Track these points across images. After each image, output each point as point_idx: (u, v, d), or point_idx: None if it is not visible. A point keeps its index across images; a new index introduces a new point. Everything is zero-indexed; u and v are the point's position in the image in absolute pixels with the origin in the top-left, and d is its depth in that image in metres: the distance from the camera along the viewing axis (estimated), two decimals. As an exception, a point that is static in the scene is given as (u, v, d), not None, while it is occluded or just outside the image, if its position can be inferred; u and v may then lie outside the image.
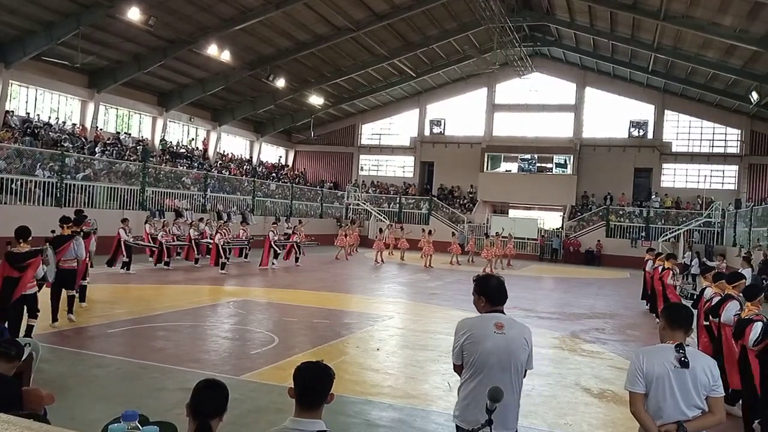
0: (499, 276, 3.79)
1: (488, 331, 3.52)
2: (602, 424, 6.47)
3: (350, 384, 7.17)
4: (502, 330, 3.50)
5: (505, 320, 3.55)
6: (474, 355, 3.53)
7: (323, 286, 16.66)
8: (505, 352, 3.48)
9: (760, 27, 21.57)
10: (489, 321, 3.56)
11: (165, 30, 23.98)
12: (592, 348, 10.37)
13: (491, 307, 3.63)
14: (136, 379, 7.02)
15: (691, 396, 3.29)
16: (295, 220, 25.74)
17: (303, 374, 2.65)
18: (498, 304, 3.63)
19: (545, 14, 30.38)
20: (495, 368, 3.47)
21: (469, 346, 3.55)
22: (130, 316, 10.58)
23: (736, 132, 34.25)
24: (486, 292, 3.66)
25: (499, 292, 3.65)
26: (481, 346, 3.51)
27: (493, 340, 3.49)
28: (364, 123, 41.76)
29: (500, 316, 3.58)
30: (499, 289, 3.65)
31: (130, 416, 2.42)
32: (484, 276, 3.78)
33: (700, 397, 3.30)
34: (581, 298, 17.51)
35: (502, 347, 3.48)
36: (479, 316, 3.67)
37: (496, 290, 3.65)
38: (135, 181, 22.99)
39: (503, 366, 3.47)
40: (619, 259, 30.64)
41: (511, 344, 3.49)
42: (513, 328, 3.54)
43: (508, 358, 3.48)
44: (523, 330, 3.59)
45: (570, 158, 36.14)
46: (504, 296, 3.65)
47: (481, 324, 3.60)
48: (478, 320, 3.64)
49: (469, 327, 3.61)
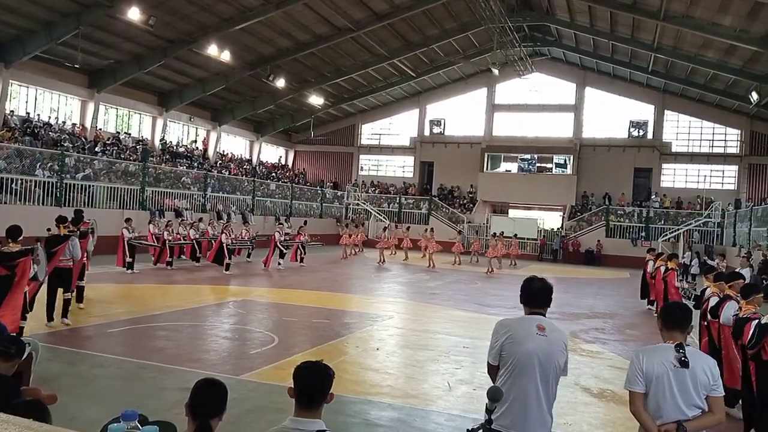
0: (544, 279, 3.70)
1: (531, 333, 3.47)
2: (602, 424, 6.48)
3: (350, 384, 7.17)
4: (543, 332, 3.46)
5: (546, 323, 3.51)
6: (515, 356, 3.46)
7: (324, 286, 16.65)
8: (546, 354, 3.43)
9: (760, 27, 21.57)
10: (531, 322, 3.52)
11: (165, 30, 23.98)
12: (591, 348, 10.37)
13: (531, 309, 3.59)
14: (135, 379, 7.02)
15: (690, 395, 3.29)
16: (298, 220, 25.75)
17: (302, 374, 2.65)
18: (538, 306, 3.58)
19: (545, 14, 30.38)
20: (533, 370, 3.42)
21: (510, 346, 3.48)
22: (130, 315, 10.58)
23: (736, 132, 34.25)
24: (526, 293, 3.62)
25: (541, 295, 3.59)
26: (523, 347, 3.45)
27: (536, 342, 3.44)
28: (364, 123, 41.77)
29: (542, 318, 3.54)
30: (541, 292, 3.60)
31: (130, 416, 2.42)
32: (527, 278, 3.70)
33: (699, 396, 3.30)
34: (581, 298, 17.50)
35: (544, 349, 3.43)
36: (520, 317, 3.63)
37: (538, 292, 3.59)
38: (135, 180, 22.99)
39: (543, 369, 3.43)
40: (619, 259, 30.64)
41: (553, 347, 3.46)
42: (554, 332, 3.52)
43: (548, 361, 3.44)
44: (563, 335, 3.57)
45: (570, 158, 36.13)
46: (540, 298, 3.58)
47: (522, 325, 3.54)
48: (520, 321, 3.60)
49: (509, 327, 3.56)
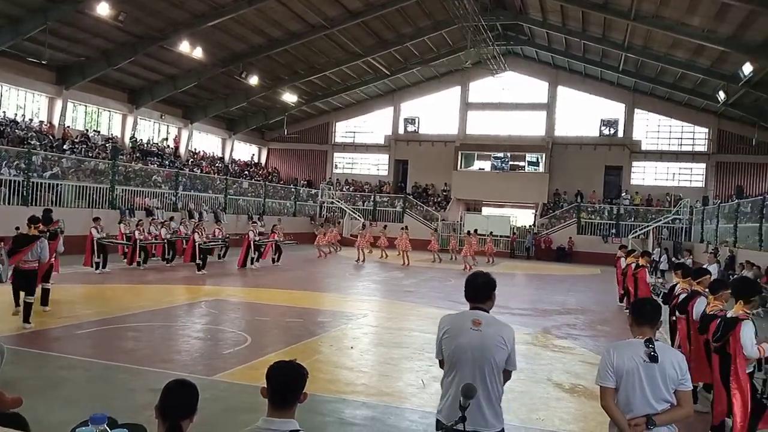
0: (488, 273, 3.75)
1: (465, 328, 3.53)
2: (574, 419, 6.55)
3: (324, 383, 7.14)
4: (478, 327, 3.49)
5: (484, 318, 3.54)
6: (450, 350, 3.55)
7: (298, 285, 16.58)
8: (479, 349, 3.47)
9: (727, 28, 22.03)
10: (468, 317, 3.57)
11: (135, 26, 23.62)
12: (563, 344, 10.49)
13: (472, 305, 3.64)
14: (104, 381, 6.90)
15: (659, 390, 3.35)
16: (271, 219, 25.57)
17: (276, 373, 2.63)
18: (475, 302, 3.63)
19: (518, 13, 30.63)
20: (468, 365, 3.48)
21: (447, 341, 3.58)
22: (99, 316, 10.39)
23: (704, 130, 34.96)
24: (467, 289, 3.68)
25: (473, 290, 3.65)
26: (457, 342, 3.53)
27: (469, 337, 3.49)
28: (338, 121, 41.67)
29: (480, 313, 3.57)
30: (473, 287, 3.65)
31: (98, 419, 2.38)
32: (470, 274, 3.76)
33: (668, 390, 3.36)
34: (553, 295, 17.71)
35: (476, 344, 3.47)
36: (460, 312, 3.69)
37: (476, 288, 3.65)
38: (104, 179, 22.59)
39: (477, 363, 3.47)
40: (591, 255, 31.04)
41: (487, 341, 3.48)
42: (491, 326, 3.53)
43: (482, 356, 3.47)
44: (503, 329, 3.55)
45: (542, 156, 36.49)
46: (479, 294, 3.63)
47: (459, 320, 3.61)
48: (457, 316, 3.66)
49: (447, 323, 3.64)
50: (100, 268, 16.37)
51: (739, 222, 22.88)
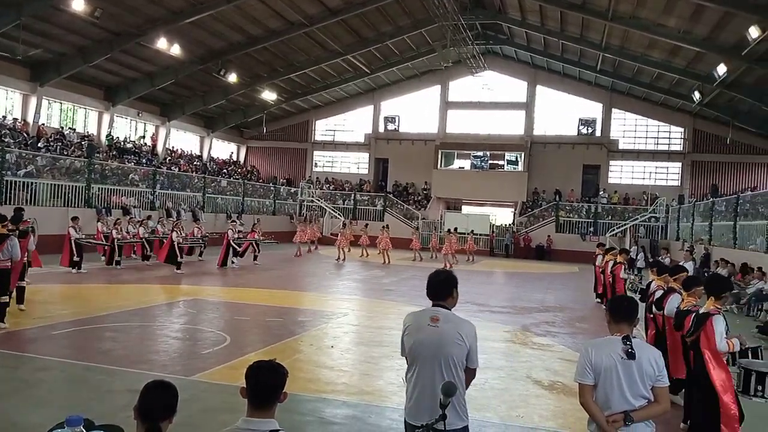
0: (449, 271, 3.81)
1: (422, 324, 3.57)
2: (552, 416, 6.61)
3: (304, 382, 7.12)
4: (436, 323, 3.52)
5: (442, 314, 3.56)
6: (409, 347, 3.60)
7: (278, 284, 16.51)
8: (435, 345, 3.49)
9: (703, 29, 22.37)
10: (426, 314, 3.60)
11: (111, 22, 23.29)
12: (542, 341, 10.58)
13: (433, 302, 3.66)
14: (81, 382, 6.81)
15: (637, 386, 3.39)
16: (251, 217, 25.41)
17: (255, 373, 2.62)
18: (436, 299, 3.65)
19: (497, 13, 30.80)
20: (426, 361, 3.50)
21: (407, 338, 3.64)
22: (76, 316, 10.25)
23: (680, 130, 35.48)
24: (427, 287, 3.70)
25: (433, 288, 3.67)
26: (415, 338, 3.57)
27: (425, 333, 3.53)
28: (318, 119, 41.54)
29: (439, 310, 3.60)
30: (433, 285, 3.67)
31: (75, 421, 2.35)
32: (432, 272, 3.80)
33: (645, 387, 3.41)
34: (532, 293, 17.85)
35: (433, 340, 3.50)
36: (422, 309, 3.71)
37: (435, 285, 3.67)
38: (80, 177, 22.25)
39: (435, 359, 3.49)
40: (569, 253, 31.36)
41: (443, 338, 3.49)
42: (448, 323, 3.54)
43: (439, 352, 3.48)
44: (460, 325, 3.55)
45: (521, 155, 36.75)
46: (439, 291, 3.64)
47: (419, 317, 3.65)
48: (418, 313, 3.71)
49: (408, 320, 3.69)
50: (80, 267, 16.14)
51: (714, 220, 23.27)
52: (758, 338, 11.30)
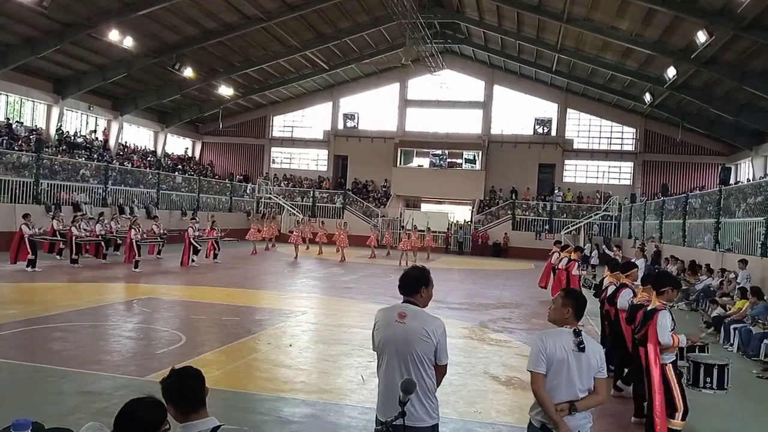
0: (422, 268, 3.83)
1: (390, 320, 3.60)
2: (509, 411, 6.70)
3: (261, 381, 7.03)
4: (403, 320, 3.55)
5: (410, 311, 3.59)
6: (377, 342, 3.64)
7: (235, 283, 16.29)
8: (402, 341, 3.51)
9: (654, 32, 23.01)
10: (395, 310, 3.63)
11: (61, 12, 22.53)
12: (499, 337, 10.72)
13: (403, 298, 3.68)
14: (30, 384, 6.57)
15: (585, 378, 3.55)
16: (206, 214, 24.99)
17: (176, 387, 2.61)
18: (404, 294, 3.68)
19: (455, 12, 31.06)
20: (393, 357, 3.53)
21: (376, 333, 3.67)
22: (25, 316, 9.91)
23: (632, 130, 36.48)
24: (399, 283, 3.73)
25: (403, 284, 3.71)
26: (382, 334, 3.61)
27: (393, 329, 3.56)
28: (276, 115, 41.12)
29: (407, 306, 3.62)
30: (403, 281, 3.71)
31: (22, 425, 2.27)
32: (405, 269, 3.85)
33: (590, 379, 3.57)
34: (489, 289, 18.08)
35: (400, 336, 3.52)
36: (392, 305, 3.74)
37: (404, 281, 3.71)
38: (28, 173, 21.51)
39: (401, 355, 3.51)
40: (525, 251, 31.87)
41: (410, 334, 3.51)
42: (415, 319, 3.56)
43: (405, 348, 3.50)
44: (427, 321, 3.57)
45: (479, 154, 37.18)
46: (408, 288, 3.67)
47: (388, 313, 3.68)
48: (387, 310, 3.73)
49: (378, 316, 3.73)
50: (34, 266, 15.61)
51: (665, 218, 23.97)
52: (707, 333, 11.68)
